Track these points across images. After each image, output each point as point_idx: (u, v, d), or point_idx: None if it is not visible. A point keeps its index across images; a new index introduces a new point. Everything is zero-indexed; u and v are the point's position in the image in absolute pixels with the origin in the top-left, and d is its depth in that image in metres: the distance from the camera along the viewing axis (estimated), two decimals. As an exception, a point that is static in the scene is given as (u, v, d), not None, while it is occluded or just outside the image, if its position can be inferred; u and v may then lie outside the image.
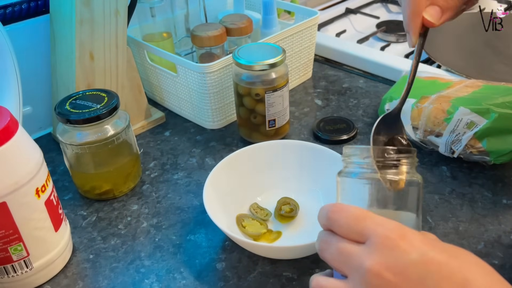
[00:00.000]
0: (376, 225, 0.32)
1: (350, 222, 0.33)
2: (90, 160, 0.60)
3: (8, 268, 0.49)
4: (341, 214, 0.34)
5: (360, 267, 0.32)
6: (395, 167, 0.36)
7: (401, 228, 0.32)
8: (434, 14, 0.42)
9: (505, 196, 0.59)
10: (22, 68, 0.63)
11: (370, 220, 0.33)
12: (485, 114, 0.59)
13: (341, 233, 0.34)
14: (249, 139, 0.72)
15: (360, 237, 0.33)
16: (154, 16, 0.77)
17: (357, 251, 0.32)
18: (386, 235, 0.32)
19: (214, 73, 0.70)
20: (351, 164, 0.38)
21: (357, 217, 0.33)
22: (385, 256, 0.31)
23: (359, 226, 0.33)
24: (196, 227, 0.58)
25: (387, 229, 0.32)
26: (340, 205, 0.35)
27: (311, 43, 0.85)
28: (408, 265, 0.31)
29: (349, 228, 0.33)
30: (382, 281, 0.31)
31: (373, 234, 0.32)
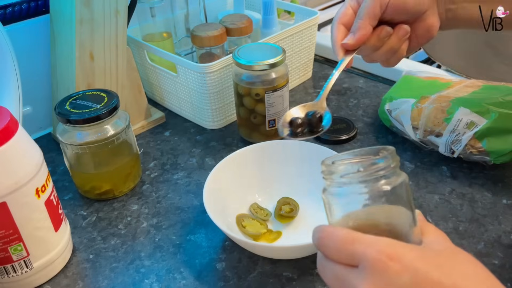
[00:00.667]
0: (365, 247, 0.32)
1: (339, 247, 0.33)
2: (90, 160, 0.60)
3: (8, 268, 0.49)
4: (329, 239, 0.34)
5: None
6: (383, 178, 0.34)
7: (391, 246, 0.32)
8: (349, 38, 0.52)
9: (505, 196, 0.59)
10: (22, 68, 0.63)
11: (358, 243, 0.33)
12: (485, 114, 0.59)
13: (333, 259, 0.34)
14: (249, 139, 0.72)
15: (351, 260, 0.33)
16: (154, 16, 0.77)
17: (350, 276, 0.32)
18: (376, 257, 0.31)
19: (214, 73, 0.70)
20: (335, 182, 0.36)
21: (345, 241, 0.33)
22: (377, 280, 0.31)
23: (348, 251, 0.33)
24: (196, 227, 0.58)
25: (377, 250, 0.32)
26: (327, 230, 0.35)
27: (311, 43, 0.85)
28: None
29: (339, 253, 0.33)
30: None
31: (363, 258, 0.32)
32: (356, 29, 0.51)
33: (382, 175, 0.34)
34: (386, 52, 0.53)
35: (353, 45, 0.51)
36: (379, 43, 0.52)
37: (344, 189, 0.36)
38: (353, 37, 0.51)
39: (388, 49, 0.53)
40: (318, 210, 0.59)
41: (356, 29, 0.51)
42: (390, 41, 0.52)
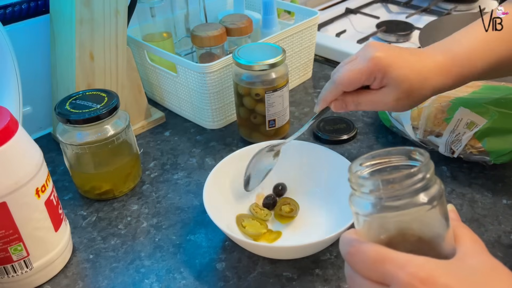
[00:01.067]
0: (397, 269, 0.31)
1: (369, 266, 0.32)
2: (90, 160, 0.60)
3: (8, 268, 0.49)
4: (359, 257, 0.33)
5: None
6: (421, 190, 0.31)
7: (423, 269, 0.30)
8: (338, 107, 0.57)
9: (505, 196, 0.59)
10: (22, 68, 0.63)
11: (389, 264, 0.31)
12: (485, 114, 0.59)
13: (363, 275, 0.33)
14: (249, 139, 0.72)
15: (382, 280, 0.32)
16: (154, 16, 0.77)
17: None
18: (408, 282, 0.30)
19: (214, 73, 0.70)
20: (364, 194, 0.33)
21: (375, 261, 0.32)
22: None
23: (379, 271, 0.32)
24: (196, 227, 0.58)
25: (408, 273, 0.30)
26: (356, 246, 0.33)
27: (311, 43, 0.85)
28: None
29: (368, 271, 0.32)
30: None
31: (395, 280, 0.31)
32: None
33: (419, 187, 0.31)
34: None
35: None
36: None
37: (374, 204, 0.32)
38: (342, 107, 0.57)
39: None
40: (318, 210, 0.59)
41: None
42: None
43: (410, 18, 1.07)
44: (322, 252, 0.53)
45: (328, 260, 0.53)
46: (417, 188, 0.31)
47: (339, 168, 0.58)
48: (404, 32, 0.99)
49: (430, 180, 0.32)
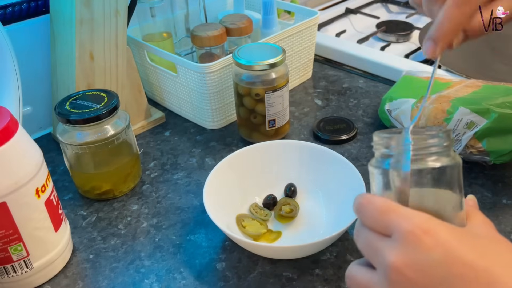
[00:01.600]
0: (401, 218, 0.32)
1: (375, 216, 0.33)
2: (90, 160, 0.60)
3: (8, 268, 0.49)
4: (368, 207, 0.34)
5: (383, 262, 0.32)
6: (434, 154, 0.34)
7: (427, 222, 0.31)
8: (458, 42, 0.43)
9: (505, 196, 0.59)
10: (22, 68, 0.63)
11: (394, 213, 0.32)
12: (485, 114, 0.59)
13: (368, 226, 0.34)
14: (249, 139, 0.72)
15: (385, 230, 0.33)
16: (154, 16, 0.77)
17: (382, 245, 0.32)
18: (410, 230, 0.31)
19: (214, 73, 0.70)
20: (382, 153, 0.36)
21: (382, 211, 0.33)
22: (407, 252, 0.31)
23: (384, 220, 0.33)
24: (196, 227, 0.58)
25: (412, 223, 0.31)
26: (367, 198, 0.35)
27: (311, 43, 0.85)
28: (430, 264, 0.30)
29: (375, 222, 0.33)
30: (402, 278, 0.30)
31: (397, 228, 0.32)
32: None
33: (433, 152, 0.34)
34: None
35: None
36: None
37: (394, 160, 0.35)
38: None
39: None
40: (318, 210, 0.59)
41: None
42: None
43: (410, 18, 1.07)
44: (322, 252, 0.53)
45: (328, 260, 0.53)
46: (432, 152, 0.34)
47: (339, 168, 0.58)
48: (404, 32, 0.99)
49: (446, 150, 0.34)
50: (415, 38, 0.98)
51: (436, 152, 0.34)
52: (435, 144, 0.34)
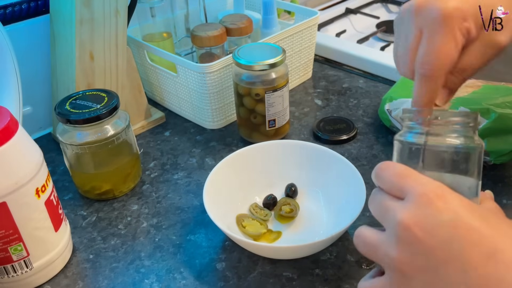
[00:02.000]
0: (416, 183, 0.33)
1: (393, 179, 0.34)
2: (90, 160, 0.60)
3: (8, 268, 0.49)
4: (387, 171, 0.35)
5: (393, 219, 0.32)
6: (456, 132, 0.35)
7: (441, 188, 0.32)
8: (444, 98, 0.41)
9: (505, 196, 0.59)
10: (22, 68, 0.63)
11: (411, 178, 0.33)
12: (485, 114, 0.59)
13: (385, 189, 0.35)
14: (249, 139, 0.72)
15: (400, 193, 0.34)
16: (154, 16, 0.77)
17: (394, 205, 0.33)
18: (423, 192, 0.32)
19: (214, 73, 0.70)
20: (408, 125, 0.37)
21: (400, 175, 0.34)
22: (417, 212, 0.32)
23: (400, 183, 0.34)
24: (196, 227, 0.58)
25: (426, 187, 0.32)
26: (387, 163, 0.36)
27: (311, 43, 0.85)
28: (438, 225, 0.31)
29: (391, 185, 0.34)
30: (409, 234, 0.31)
31: (411, 191, 0.33)
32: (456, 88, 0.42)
33: (456, 129, 0.35)
34: None
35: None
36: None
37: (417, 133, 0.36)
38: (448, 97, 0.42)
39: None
40: (318, 210, 0.59)
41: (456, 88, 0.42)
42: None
43: (410, 18, 1.07)
44: (322, 252, 0.53)
45: (328, 260, 0.53)
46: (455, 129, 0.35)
47: (339, 168, 0.58)
48: (404, 32, 0.99)
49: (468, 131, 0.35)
50: (415, 38, 0.98)
51: (458, 130, 0.35)
52: (459, 122, 0.35)
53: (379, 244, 0.34)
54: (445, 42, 0.37)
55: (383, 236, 0.34)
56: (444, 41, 0.37)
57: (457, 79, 0.39)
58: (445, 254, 0.30)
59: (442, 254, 0.30)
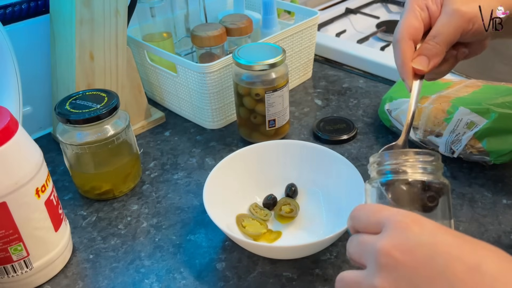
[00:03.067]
0: (392, 213, 0.34)
1: (368, 215, 0.35)
2: (90, 160, 0.60)
3: (8, 268, 0.49)
4: (361, 210, 0.36)
5: (372, 250, 0.32)
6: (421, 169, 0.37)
7: (416, 216, 0.33)
8: (422, 63, 0.45)
9: (505, 196, 0.59)
10: (22, 68, 0.63)
11: (386, 210, 0.34)
12: (485, 114, 0.59)
13: (361, 228, 0.35)
14: (249, 139, 0.72)
15: (377, 227, 0.34)
16: (154, 16, 0.77)
17: (372, 239, 0.33)
18: (399, 219, 0.32)
19: (214, 73, 0.70)
20: (376, 171, 0.39)
21: (374, 210, 0.35)
22: (395, 236, 0.32)
23: (376, 217, 0.34)
24: (196, 227, 0.58)
25: (402, 215, 0.33)
26: (361, 205, 0.37)
27: (311, 43, 0.85)
28: (417, 245, 0.31)
29: (367, 221, 0.35)
30: (390, 259, 0.31)
31: (387, 221, 0.33)
32: (432, 54, 0.45)
33: (421, 166, 0.37)
34: (440, 72, 0.50)
35: (427, 72, 0.46)
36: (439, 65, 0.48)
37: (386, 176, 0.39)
38: (428, 63, 0.45)
39: (443, 70, 0.50)
40: (318, 210, 0.59)
41: (432, 54, 0.45)
42: (448, 63, 0.49)
43: (410, 18, 1.07)
44: (322, 252, 0.53)
45: (328, 260, 0.53)
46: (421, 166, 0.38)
47: (339, 168, 0.58)
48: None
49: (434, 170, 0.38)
50: (415, 38, 0.98)
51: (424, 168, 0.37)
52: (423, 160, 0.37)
53: (361, 279, 0.33)
54: (406, 16, 0.46)
55: (364, 272, 0.33)
56: (406, 15, 0.46)
57: (430, 45, 0.45)
58: (429, 272, 0.30)
59: (426, 273, 0.30)
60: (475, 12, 0.44)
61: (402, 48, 0.45)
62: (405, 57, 0.45)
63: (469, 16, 0.44)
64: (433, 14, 0.46)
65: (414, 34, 0.46)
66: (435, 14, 0.46)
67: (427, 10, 0.46)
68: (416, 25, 0.46)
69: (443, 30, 0.45)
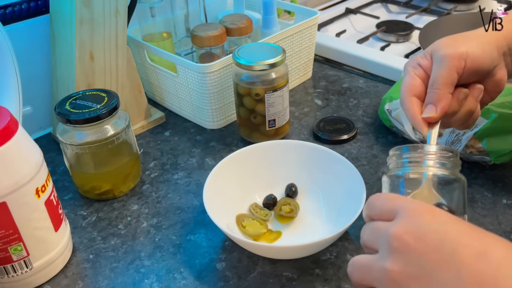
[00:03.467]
0: (406, 202, 0.35)
1: (383, 203, 0.36)
2: (90, 160, 0.60)
3: (8, 268, 0.49)
4: (377, 199, 0.37)
5: (385, 235, 0.33)
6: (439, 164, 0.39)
7: (430, 206, 0.34)
8: (430, 111, 0.47)
9: (505, 196, 0.59)
10: (22, 68, 0.63)
11: (401, 199, 0.36)
12: (485, 114, 0.59)
13: (376, 215, 0.37)
14: (249, 139, 0.72)
15: (391, 214, 0.35)
16: (154, 16, 0.77)
17: (386, 225, 0.34)
18: (413, 207, 0.34)
19: (214, 73, 0.70)
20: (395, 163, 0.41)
21: (389, 198, 0.36)
22: (408, 222, 0.33)
23: (390, 205, 0.35)
24: (196, 227, 0.58)
25: (416, 204, 0.34)
26: (378, 194, 0.38)
27: (311, 43, 0.85)
28: (428, 231, 0.32)
29: (382, 208, 0.36)
30: (402, 243, 0.32)
31: (401, 208, 0.34)
32: (437, 100, 0.47)
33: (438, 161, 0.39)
34: (464, 115, 0.50)
35: (438, 117, 0.47)
36: (458, 107, 0.49)
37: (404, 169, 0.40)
38: (435, 109, 0.47)
39: (466, 112, 0.50)
40: (318, 210, 0.59)
41: (436, 100, 0.47)
42: (468, 103, 0.49)
43: (410, 18, 1.07)
44: (322, 252, 0.53)
45: (328, 260, 0.53)
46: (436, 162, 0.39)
47: (339, 168, 0.58)
48: (404, 32, 0.99)
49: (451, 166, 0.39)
50: (415, 38, 0.98)
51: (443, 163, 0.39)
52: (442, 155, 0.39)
53: (372, 263, 0.34)
54: (404, 79, 0.50)
55: (375, 256, 0.34)
56: (404, 79, 0.50)
57: (432, 92, 0.47)
58: (437, 256, 0.31)
59: (435, 257, 0.31)
60: (462, 50, 0.47)
61: (408, 105, 0.48)
62: (412, 111, 0.48)
63: (457, 55, 0.46)
64: (427, 67, 0.49)
65: (415, 91, 0.48)
66: (428, 67, 0.49)
67: (420, 67, 0.49)
68: (414, 83, 0.49)
69: (438, 75, 0.47)
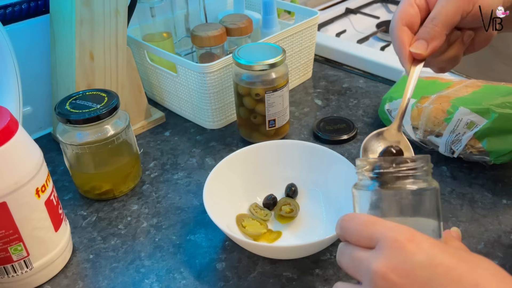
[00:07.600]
0: (385, 228, 0.32)
1: (359, 228, 0.34)
2: (90, 160, 0.60)
3: (8, 268, 0.49)
4: (352, 222, 0.35)
5: (368, 270, 0.31)
6: (411, 177, 0.36)
7: (410, 232, 0.32)
8: (420, 47, 0.44)
9: (505, 196, 0.59)
10: (22, 68, 0.63)
11: (379, 224, 0.33)
12: (485, 114, 0.59)
13: (353, 241, 0.34)
14: (249, 139, 0.72)
15: (370, 242, 0.33)
16: (154, 16, 0.77)
17: (367, 256, 0.32)
18: (394, 237, 0.31)
19: (214, 73, 0.70)
20: (365, 176, 0.38)
21: (366, 223, 0.34)
22: (391, 258, 0.31)
23: (369, 231, 0.33)
24: (196, 227, 0.58)
25: (396, 232, 0.32)
26: (351, 214, 0.35)
27: (311, 43, 0.85)
28: (415, 268, 0.30)
29: (359, 235, 0.34)
30: (387, 283, 0.30)
31: (381, 237, 0.32)
32: (431, 37, 0.44)
33: (411, 174, 0.36)
34: (448, 58, 0.48)
35: (426, 56, 0.44)
36: (445, 50, 0.47)
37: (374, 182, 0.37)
38: (426, 46, 0.44)
39: (451, 56, 0.48)
40: (318, 210, 0.59)
41: (430, 37, 0.44)
42: (455, 47, 0.47)
43: (410, 18, 1.07)
44: (322, 252, 0.53)
45: (328, 260, 0.53)
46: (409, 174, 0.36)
47: (339, 168, 0.58)
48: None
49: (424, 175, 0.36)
50: (415, 38, 0.98)
51: (414, 175, 0.36)
52: (413, 167, 0.36)
53: None
54: (401, 4, 0.46)
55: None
56: (401, 3, 0.46)
57: (428, 28, 0.44)
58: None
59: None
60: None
61: (398, 35, 0.45)
62: (401, 42, 0.45)
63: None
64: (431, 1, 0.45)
65: (409, 21, 0.45)
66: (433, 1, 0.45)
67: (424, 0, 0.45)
68: (411, 11, 0.45)
69: (442, 11, 0.43)
